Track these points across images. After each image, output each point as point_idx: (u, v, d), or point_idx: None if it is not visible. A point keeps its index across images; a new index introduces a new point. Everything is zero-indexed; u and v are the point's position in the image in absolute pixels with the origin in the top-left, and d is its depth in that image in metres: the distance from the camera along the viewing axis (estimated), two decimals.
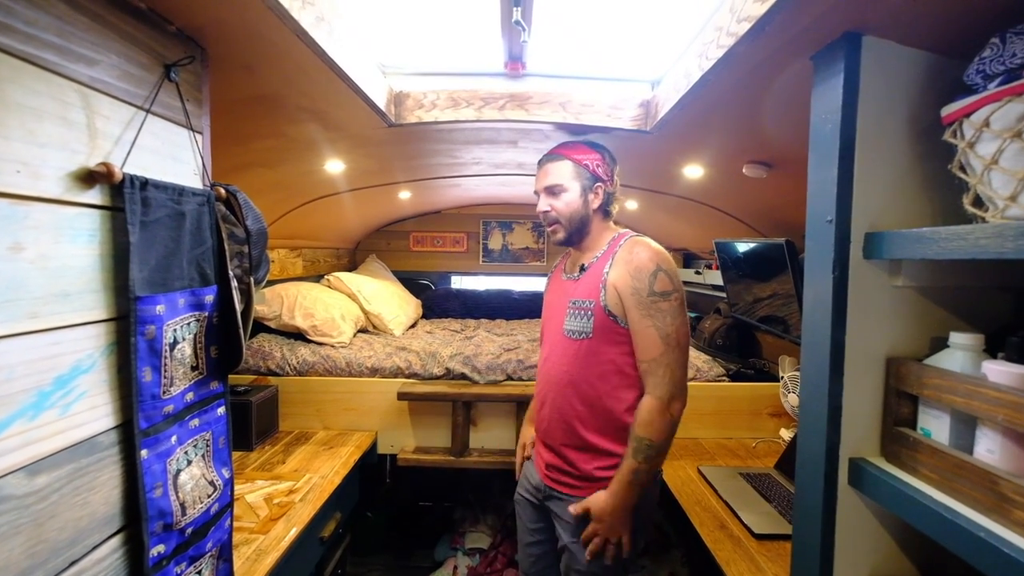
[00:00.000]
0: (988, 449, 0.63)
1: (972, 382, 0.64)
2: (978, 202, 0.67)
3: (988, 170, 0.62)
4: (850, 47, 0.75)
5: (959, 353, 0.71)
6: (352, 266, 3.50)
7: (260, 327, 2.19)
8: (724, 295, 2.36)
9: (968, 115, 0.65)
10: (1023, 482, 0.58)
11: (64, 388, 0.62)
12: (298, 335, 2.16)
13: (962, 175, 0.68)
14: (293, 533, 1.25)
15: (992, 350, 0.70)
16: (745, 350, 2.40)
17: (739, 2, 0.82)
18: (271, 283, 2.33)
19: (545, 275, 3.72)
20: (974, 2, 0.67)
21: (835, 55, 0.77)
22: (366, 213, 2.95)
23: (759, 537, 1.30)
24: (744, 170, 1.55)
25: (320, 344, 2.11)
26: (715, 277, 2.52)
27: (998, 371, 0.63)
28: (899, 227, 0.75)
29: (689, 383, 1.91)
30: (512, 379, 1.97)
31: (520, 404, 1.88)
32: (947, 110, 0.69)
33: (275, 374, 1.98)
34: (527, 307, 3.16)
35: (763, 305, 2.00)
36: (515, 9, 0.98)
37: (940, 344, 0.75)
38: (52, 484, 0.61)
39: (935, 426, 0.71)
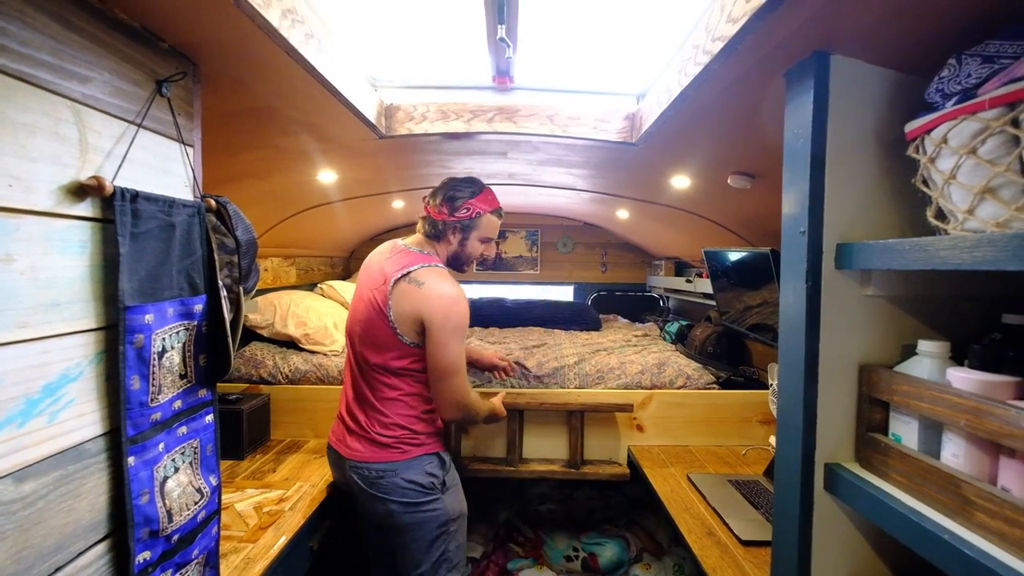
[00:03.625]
0: (953, 454, 0.65)
1: (937, 389, 0.66)
2: (941, 214, 0.70)
3: (947, 184, 0.65)
4: (819, 65, 0.78)
5: (927, 360, 0.73)
6: (346, 275, 3.52)
7: (252, 335, 2.20)
8: (714, 303, 2.39)
9: (929, 132, 0.67)
10: (985, 486, 0.60)
11: (52, 396, 0.64)
12: (290, 343, 2.17)
13: (925, 189, 0.71)
14: (282, 542, 1.25)
15: (960, 358, 0.73)
16: (735, 358, 2.42)
17: (713, 21, 0.85)
18: (264, 292, 2.34)
19: (539, 283, 3.76)
20: (934, 24, 0.70)
21: (805, 73, 0.80)
22: (360, 222, 2.97)
23: (746, 544, 1.31)
24: (729, 181, 1.58)
25: (313, 352, 2.11)
26: (705, 285, 2.54)
27: (961, 378, 0.65)
28: (869, 238, 0.77)
29: (679, 390, 1.96)
30: (504, 386, 1.98)
31: (512, 411, 1.89)
32: (910, 126, 0.72)
33: (267, 382, 1.99)
34: (520, 315, 3.18)
35: (752, 313, 2.02)
36: (500, 27, 1.01)
37: (910, 352, 0.77)
38: (38, 490, 0.62)
39: (905, 432, 0.73)
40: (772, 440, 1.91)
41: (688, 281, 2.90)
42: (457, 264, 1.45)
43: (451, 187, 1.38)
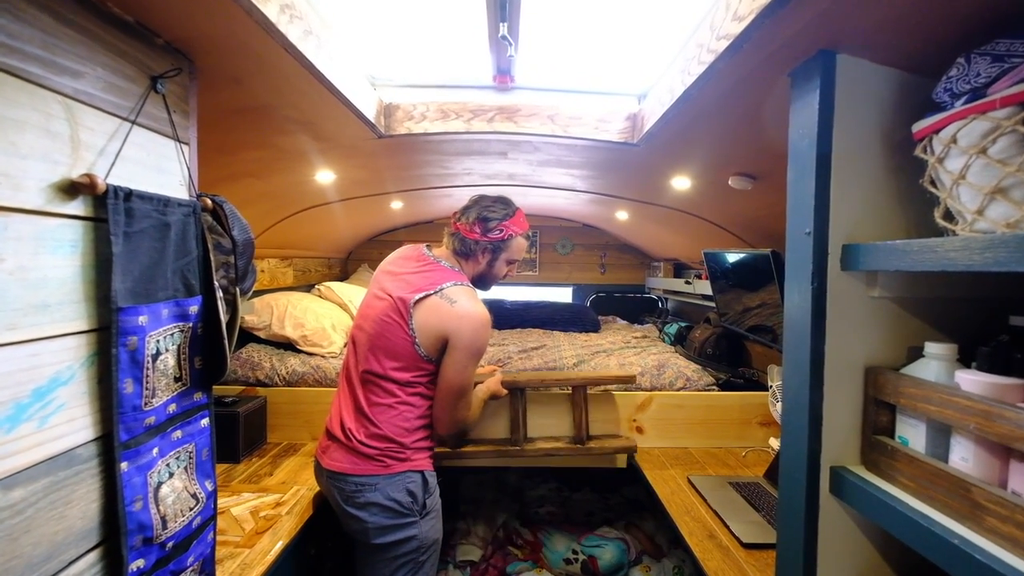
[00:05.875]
0: (962, 457, 0.65)
1: (945, 391, 0.65)
2: (949, 215, 0.69)
3: (956, 185, 0.64)
4: (825, 65, 0.77)
5: (934, 363, 0.72)
6: (344, 276, 3.50)
7: (249, 337, 2.18)
8: (713, 305, 2.38)
9: (937, 132, 0.67)
10: (995, 489, 0.59)
11: (42, 400, 0.62)
12: (288, 345, 2.15)
13: (933, 189, 0.70)
14: (279, 547, 1.24)
15: (967, 360, 0.72)
16: (735, 359, 2.41)
17: (718, 20, 0.84)
18: (261, 293, 2.32)
19: (538, 284, 3.75)
20: (941, 23, 0.69)
21: (811, 72, 0.79)
22: (357, 223, 2.95)
23: (748, 546, 1.30)
24: (730, 182, 1.58)
25: (310, 354, 2.09)
26: (705, 287, 2.54)
27: (970, 380, 0.64)
28: (875, 239, 0.77)
29: (679, 392, 1.95)
30: None
31: (514, 390, 1.84)
32: (918, 126, 0.71)
33: (264, 384, 1.97)
34: (519, 317, 3.17)
35: (752, 315, 2.02)
36: (501, 25, 1.00)
37: (916, 354, 0.76)
38: (28, 498, 0.60)
39: (912, 434, 0.72)
40: (772, 442, 1.90)
41: (687, 283, 2.89)
42: (482, 283, 1.44)
43: (484, 207, 1.37)
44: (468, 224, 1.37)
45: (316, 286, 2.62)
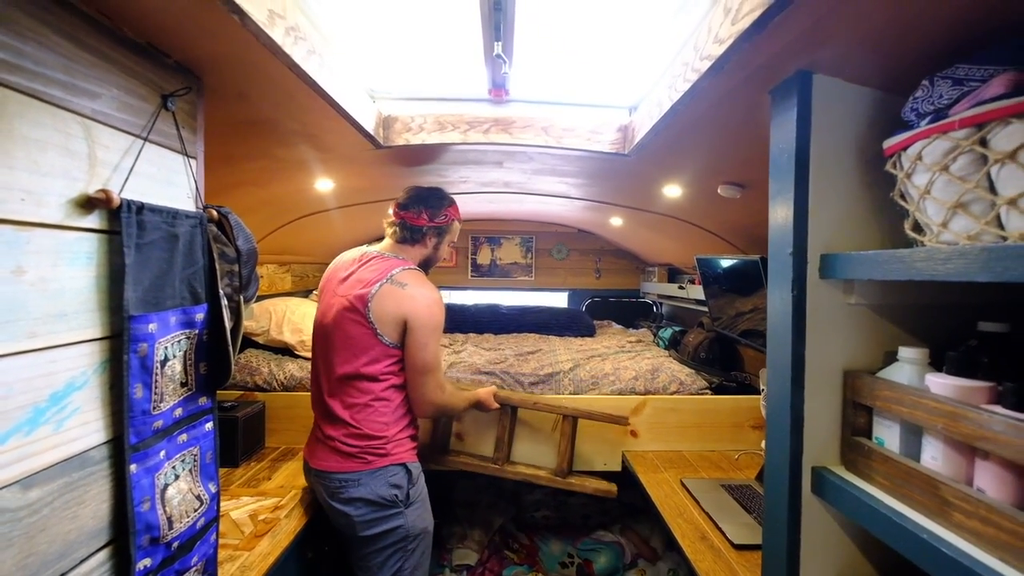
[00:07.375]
0: (932, 456, 0.68)
1: (916, 394, 0.69)
2: (918, 227, 0.73)
3: (923, 199, 0.69)
4: (802, 84, 0.81)
5: (907, 366, 0.76)
6: None
7: (248, 343, 2.20)
8: (707, 309, 2.42)
9: (905, 149, 0.71)
10: (961, 486, 0.62)
11: (58, 404, 0.65)
12: (286, 350, 2.17)
13: (903, 202, 0.74)
14: (278, 550, 1.26)
15: (939, 364, 0.76)
16: (728, 363, 2.45)
17: (701, 41, 0.89)
18: (260, 298, 2.34)
19: (534, 289, 3.79)
20: (911, 46, 0.74)
21: (789, 91, 0.83)
22: (356, 229, 2.99)
23: (739, 547, 1.33)
24: (719, 190, 1.62)
25: (308, 359, 2.12)
26: (698, 292, 2.58)
27: (939, 383, 0.68)
28: (852, 249, 0.81)
29: (673, 395, 1.99)
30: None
31: (505, 406, 1.88)
32: (888, 143, 0.75)
33: (262, 390, 1.99)
34: (515, 321, 3.21)
35: (744, 319, 2.06)
36: (496, 44, 1.04)
37: (892, 358, 0.80)
38: (44, 498, 0.63)
39: (887, 435, 0.76)
40: (764, 445, 1.93)
41: (681, 287, 2.93)
42: (426, 266, 1.54)
43: (425, 198, 1.49)
44: (415, 212, 1.47)
45: (314, 291, 2.65)
